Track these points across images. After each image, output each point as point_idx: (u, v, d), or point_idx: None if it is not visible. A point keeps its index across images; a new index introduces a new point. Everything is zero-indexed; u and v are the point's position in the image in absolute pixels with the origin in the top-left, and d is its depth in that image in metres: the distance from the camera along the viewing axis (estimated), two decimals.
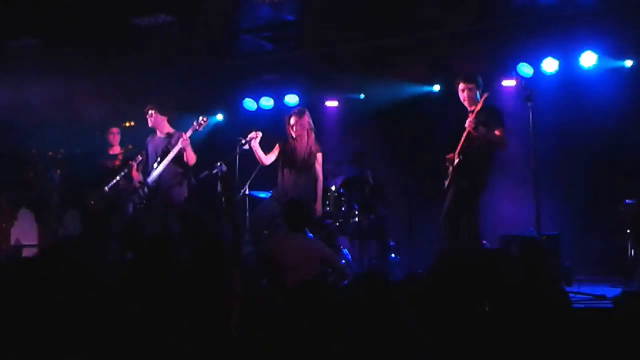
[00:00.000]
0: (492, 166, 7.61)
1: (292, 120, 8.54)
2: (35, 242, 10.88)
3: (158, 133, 8.97)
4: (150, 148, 8.98)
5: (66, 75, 9.72)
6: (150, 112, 8.89)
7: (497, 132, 7.44)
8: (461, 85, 7.69)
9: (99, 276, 4.72)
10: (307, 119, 8.62)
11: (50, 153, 10.68)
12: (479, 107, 7.49)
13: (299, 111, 8.71)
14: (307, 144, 8.55)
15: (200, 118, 8.78)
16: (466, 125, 7.48)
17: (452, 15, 9.01)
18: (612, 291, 6.47)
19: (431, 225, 8.45)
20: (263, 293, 6.30)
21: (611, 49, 8.97)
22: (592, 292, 6.59)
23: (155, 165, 8.77)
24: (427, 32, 9.59)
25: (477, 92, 7.64)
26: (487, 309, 4.31)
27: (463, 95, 7.69)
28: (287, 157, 8.61)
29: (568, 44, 9.11)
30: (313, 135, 8.61)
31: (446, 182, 7.66)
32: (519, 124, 7.89)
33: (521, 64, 9.26)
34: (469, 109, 7.66)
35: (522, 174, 8.22)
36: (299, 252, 6.64)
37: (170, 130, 8.95)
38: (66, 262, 4.97)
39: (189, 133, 8.70)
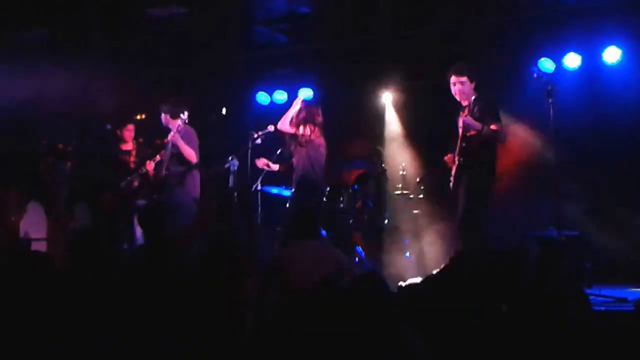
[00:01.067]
0: (496, 160, 7.38)
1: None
2: (44, 236, 10.80)
3: (170, 129, 8.90)
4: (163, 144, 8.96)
5: (77, 67, 9.59)
6: (162, 113, 8.83)
7: (493, 127, 7.21)
8: (453, 79, 7.47)
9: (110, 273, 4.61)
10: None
11: (61, 146, 10.57)
12: (471, 100, 7.29)
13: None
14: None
15: (185, 114, 8.68)
16: (459, 122, 7.29)
17: (473, 8, 8.83)
18: (633, 294, 6.37)
19: (445, 223, 8.31)
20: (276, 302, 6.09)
21: (636, 44, 8.70)
22: (613, 294, 6.40)
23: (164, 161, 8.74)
24: (448, 24, 9.38)
25: (471, 86, 7.43)
26: (504, 310, 4.16)
27: (454, 89, 7.48)
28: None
29: (591, 38, 8.88)
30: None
31: (451, 184, 7.46)
32: (539, 120, 7.69)
33: (542, 59, 9.03)
34: (462, 103, 7.46)
35: (542, 172, 8.02)
36: (314, 261, 6.18)
37: (177, 127, 8.83)
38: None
39: (177, 127, 8.59)
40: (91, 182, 9.78)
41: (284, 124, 8.78)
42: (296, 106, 8.87)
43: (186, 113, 8.70)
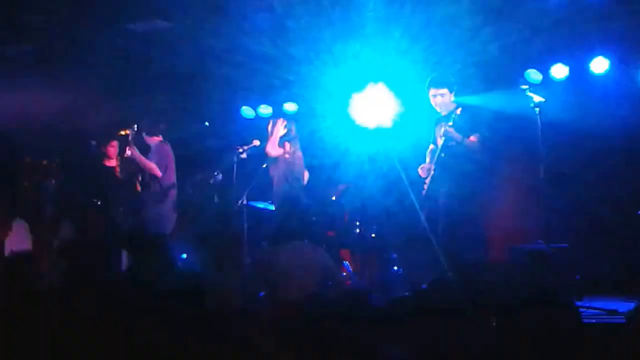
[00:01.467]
0: (473, 172, 7.31)
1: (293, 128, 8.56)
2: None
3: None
4: None
5: (60, 83, 9.54)
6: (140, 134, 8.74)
7: (472, 138, 7.17)
8: (432, 91, 7.43)
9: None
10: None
11: (45, 162, 10.48)
12: (457, 112, 7.24)
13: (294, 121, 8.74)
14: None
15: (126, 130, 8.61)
16: (439, 132, 7.26)
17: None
18: (624, 306, 6.25)
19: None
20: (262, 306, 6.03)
21: (624, 54, 8.71)
22: (603, 306, 6.33)
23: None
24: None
25: (450, 96, 7.39)
26: (494, 323, 4.09)
27: (434, 101, 7.44)
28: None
29: (578, 49, 8.88)
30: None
31: (423, 192, 7.40)
32: (527, 131, 7.65)
33: (530, 70, 9.01)
34: (442, 114, 7.42)
35: (530, 183, 7.96)
36: (299, 262, 6.27)
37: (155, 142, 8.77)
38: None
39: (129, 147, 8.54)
40: (76, 200, 9.68)
41: (275, 148, 8.66)
42: (281, 128, 8.75)
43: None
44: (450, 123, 7.22)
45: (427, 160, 7.66)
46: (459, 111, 7.26)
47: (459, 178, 7.21)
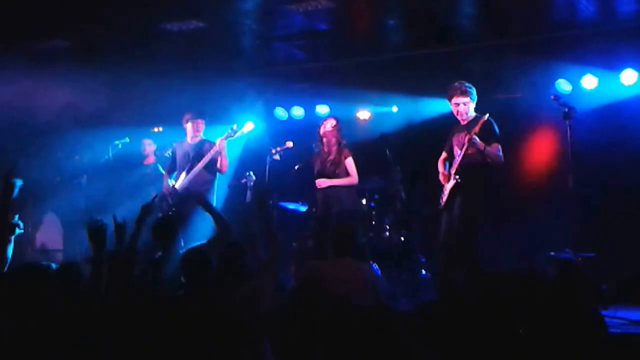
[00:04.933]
0: (491, 180, 7.40)
1: (330, 125, 8.55)
2: (60, 247, 10.86)
3: (188, 140, 8.88)
4: (179, 154, 8.88)
5: (95, 79, 9.66)
6: (198, 120, 8.80)
7: (494, 146, 7.27)
8: (455, 99, 7.53)
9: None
10: (339, 128, 8.61)
11: (77, 157, 10.65)
12: (480, 122, 7.30)
13: (338, 118, 8.71)
14: (335, 154, 8.52)
15: (234, 126, 8.68)
16: (461, 140, 7.32)
17: (489, 28, 8.85)
18: None
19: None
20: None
21: None
22: (629, 316, 6.40)
23: (185, 172, 8.66)
24: (462, 44, 9.42)
25: (472, 105, 7.49)
26: (521, 332, 4.15)
27: (457, 109, 7.54)
28: (318, 168, 8.59)
29: (608, 60, 8.90)
30: (340, 144, 8.57)
31: (442, 201, 7.49)
32: (556, 141, 7.70)
33: (560, 80, 9.05)
34: (462, 122, 7.50)
35: (559, 192, 7.99)
36: (349, 280, 5.93)
37: (201, 137, 8.86)
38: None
39: (225, 138, 8.61)
40: (108, 196, 9.78)
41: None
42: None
43: (234, 126, 8.77)
44: (477, 130, 7.29)
45: (441, 168, 7.73)
46: (479, 120, 7.33)
47: (478, 186, 7.30)
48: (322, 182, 8.44)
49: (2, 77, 9.22)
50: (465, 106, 7.52)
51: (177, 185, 8.67)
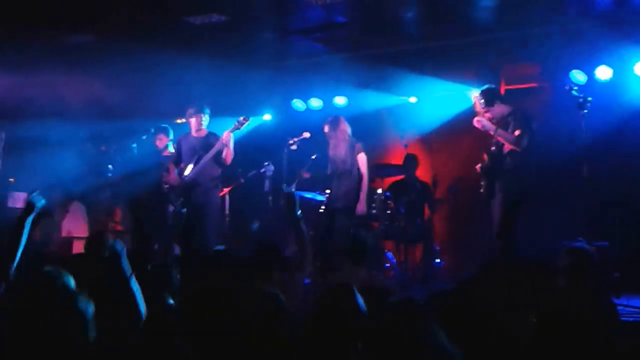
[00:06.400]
0: (527, 166, 7.55)
1: (326, 129, 8.74)
2: (85, 235, 11.04)
3: (193, 133, 9.02)
4: (185, 147, 9.01)
5: (120, 72, 9.82)
6: (201, 114, 8.96)
7: (515, 133, 7.43)
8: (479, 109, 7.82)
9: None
10: (342, 127, 8.76)
11: (103, 148, 10.81)
12: (506, 111, 7.59)
13: (331, 121, 8.88)
14: (344, 151, 8.69)
15: (242, 118, 8.80)
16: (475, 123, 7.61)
17: (504, 18, 8.95)
18: None
19: (476, 229, 8.43)
20: None
21: None
22: None
23: (192, 164, 8.81)
24: (480, 35, 9.54)
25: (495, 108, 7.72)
26: (533, 320, 4.27)
27: (486, 116, 7.81)
28: (331, 164, 8.78)
29: (622, 51, 8.97)
30: (349, 141, 8.72)
31: (482, 189, 7.66)
32: (571, 131, 7.81)
33: (574, 71, 9.15)
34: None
35: (573, 181, 8.10)
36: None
37: (206, 131, 9.01)
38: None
39: (232, 131, 8.74)
40: (132, 185, 9.90)
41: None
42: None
43: (242, 118, 8.81)
44: (489, 116, 7.54)
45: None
46: (509, 111, 7.55)
47: (508, 172, 7.50)
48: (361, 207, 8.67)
49: (31, 70, 9.41)
50: (488, 112, 7.77)
51: (185, 177, 8.82)
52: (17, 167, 10.16)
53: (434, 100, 10.58)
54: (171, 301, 4.03)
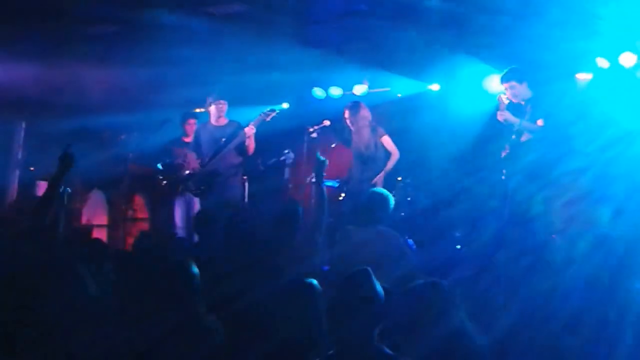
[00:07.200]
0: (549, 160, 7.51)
1: (346, 115, 8.71)
2: (104, 223, 11.15)
3: (213, 121, 9.03)
4: (204, 137, 9.04)
5: (141, 62, 9.86)
6: (220, 101, 8.96)
7: (538, 122, 7.40)
8: (503, 85, 7.75)
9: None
10: (362, 112, 8.73)
11: (123, 137, 10.88)
12: (528, 95, 7.63)
13: (351, 107, 8.84)
14: (367, 136, 8.66)
15: (268, 109, 8.82)
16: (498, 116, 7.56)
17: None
18: None
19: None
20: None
21: None
22: None
23: (213, 153, 8.83)
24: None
25: (521, 87, 7.60)
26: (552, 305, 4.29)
27: (508, 94, 7.67)
28: (355, 150, 8.76)
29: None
30: (371, 126, 8.70)
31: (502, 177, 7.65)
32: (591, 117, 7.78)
33: (598, 57, 9.06)
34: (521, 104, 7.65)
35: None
36: (380, 248, 6.13)
37: (226, 120, 9.02)
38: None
39: (256, 123, 8.75)
40: (150, 173, 9.96)
41: None
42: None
43: (269, 109, 8.93)
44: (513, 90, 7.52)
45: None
46: (530, 99, 7.53)
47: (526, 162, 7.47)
48: (379, 181, 8.63)
49: (52, 61, 9.47)
50: (514, 90, 7.70)
51: (206, 165, 8.84)
52: (38, 156, 10.25)
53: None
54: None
